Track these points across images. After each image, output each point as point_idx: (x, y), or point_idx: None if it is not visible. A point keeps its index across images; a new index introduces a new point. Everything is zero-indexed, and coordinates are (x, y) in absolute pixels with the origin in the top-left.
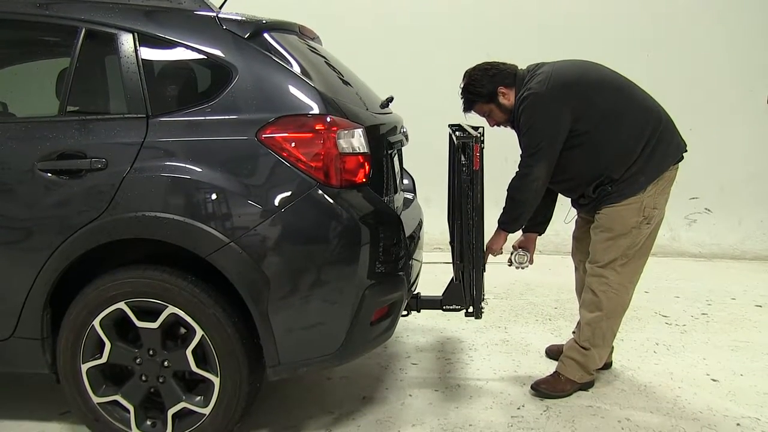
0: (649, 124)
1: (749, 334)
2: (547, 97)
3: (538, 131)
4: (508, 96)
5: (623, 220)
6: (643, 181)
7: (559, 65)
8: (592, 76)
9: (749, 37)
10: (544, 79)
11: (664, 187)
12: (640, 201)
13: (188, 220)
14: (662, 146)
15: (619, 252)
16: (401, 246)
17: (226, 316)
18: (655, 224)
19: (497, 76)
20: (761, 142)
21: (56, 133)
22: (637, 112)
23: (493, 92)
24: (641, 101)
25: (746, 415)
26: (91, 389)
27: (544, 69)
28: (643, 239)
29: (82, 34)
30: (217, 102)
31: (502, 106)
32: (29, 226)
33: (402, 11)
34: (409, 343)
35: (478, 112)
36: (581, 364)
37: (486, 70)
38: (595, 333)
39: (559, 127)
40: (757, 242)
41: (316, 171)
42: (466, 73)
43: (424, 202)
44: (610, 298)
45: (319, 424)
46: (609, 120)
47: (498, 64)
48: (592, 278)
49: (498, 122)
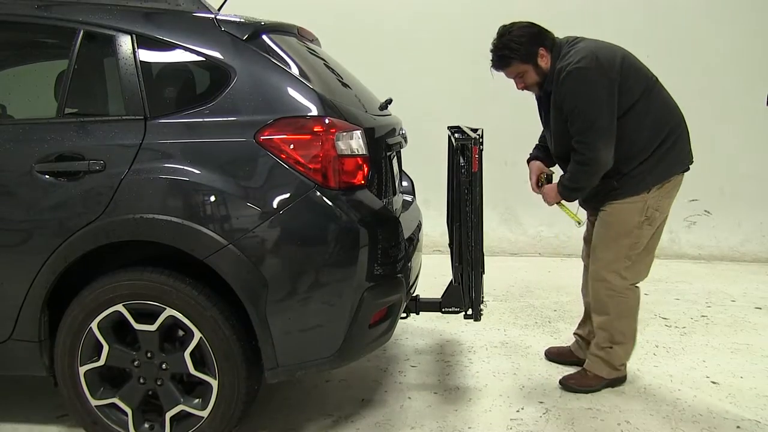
0: (669, 124)
1: (749, 337)
2: (598, 74)
3: (598, 108)
4: (546, 59)
5: (625, 218)
6: (649, 180)
7: (600, 43)
8: (628, 61)
9: (749, 37)
10: (589, 55)
11: (669, 191)
12: (643, 200)
13: (186, 222)
14: (675, 151)
15: (621, 252)
16: (400, 248)
17: (224, 318)
18: (658, 226)
19: (539, 36)
20: (761, 144)
21: (54, 135)
22: (662, 108)
23: (533, 52)
24: (666, 99)
25: (746, 418)
26: (88, 392)
27: (585, 45)
28: (645, 240)
29: (80, 36)
30: (215, 104)
31: (538, 68)
32: (27, 228)
33: (401, 13)
34: (408, 345)
35: (510, 72)
36: (606, 361)
37: (526, 27)
38: (613, 333)
39: (613, 105)
40: (757, 244)
41: (315, 173)
42: (505, 29)
43: (423, 204)
44: (618, 302)
45: (317, 426)
46: (636, 109)
47: (535, 23)
48: (596, 283)
49: (527, 85)
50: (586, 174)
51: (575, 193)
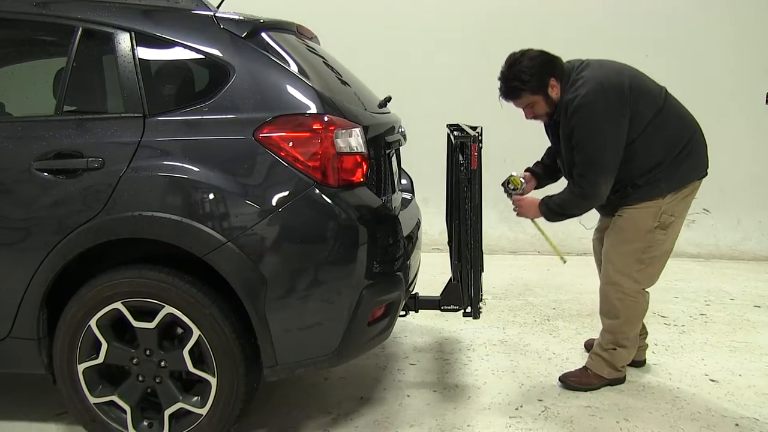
0: (684, 137)
1: (748, 335)
2: (607, 109)
3: (602, 144)
4: (556, 89)
5: (638, 223)
6: (664, 187)
7: (606, 68)
8: (636, 83)
9: (749, 37)
10: (597, 88)
11: (685, 196)
12: (658, 206)
13: (185, 219)
14: (691, 159)
15: (633, 256)
16: (399, 246)
17: (223, 316)
18: (673, 232)
19: (548, 66)
20: (761, 142)
21: (53, 133)
22: (675, 123)
23: (544, 83)
24: (678, 112)
25: (745, 416)
26: (87, 390)
27: (593, 74)
28: (658, 245)
29: (79, 33)
30: (214, 101)
31: (549, 99)
32: (26, 225)
33: (400, 11)
34: (407, 343)
35: (520, 103)
36: (608, 361)
37: (537, 57)
38: (618, 337)
39: (621, 138)
40: (756, 243)
41: (314, 170)
42: (515, 59)
43: (422, 202)
44: (628, 306)
45: (316, 424)
46: (648, 131)
47: (545, 52)
48: (607, 286)
49: (537, 115)
50: (579, 206)
51: (558, 218)
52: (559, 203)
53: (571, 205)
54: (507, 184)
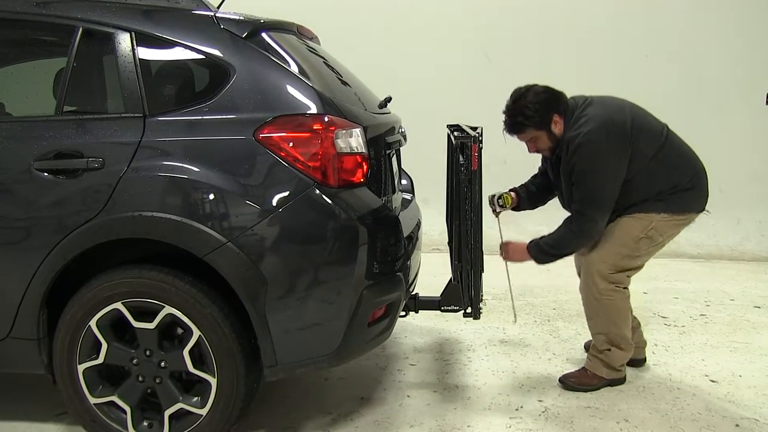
0: (685, 174)
1: (748, 335)
2: (608, 147)
3: (602, 182)
4: (559, 125)
5: (627, 230)
6: (660, 206)
7: (608, 107)
8: (637, 121)
9: (748, 36)
10: (599, 126)
11: (678, 223)
12: (650, 219)
13: (185, 219)
14: (692, 192)
15: (613, 260)
16: (399, 246)
17: (223, 316)
18: (654, 250)
19: (552, 102)
20: (760, 142)
21: (53, 133)
22: (676, 161)
23: (548, 119)
24: (680, 150)
25: (745, 416)
26: (87, 390)
27: (595, 111)
28: (639, 256)
29: (79, 33)
30: (214, 101)
31: (552, 135)
32: (26, 225)
33: (400, 11)
34: (407, 343)
35: (523, 137)
36: (604, 362)
37: (541, 93)
38: (609, 337)
39: (620, 176)
40: (756, 243)
41: (314, 171)
42: (519, 94)
43: (423, 203)
44: (606, 305)
45: (316, 424)
46: (650, 166)
47: (550, 88)
48: (584, 286)
49: (540, 150)
50: (574, 243)
51: (549, 259)
52: (553, 242)
53: (567, 243)
54: (497, 199)
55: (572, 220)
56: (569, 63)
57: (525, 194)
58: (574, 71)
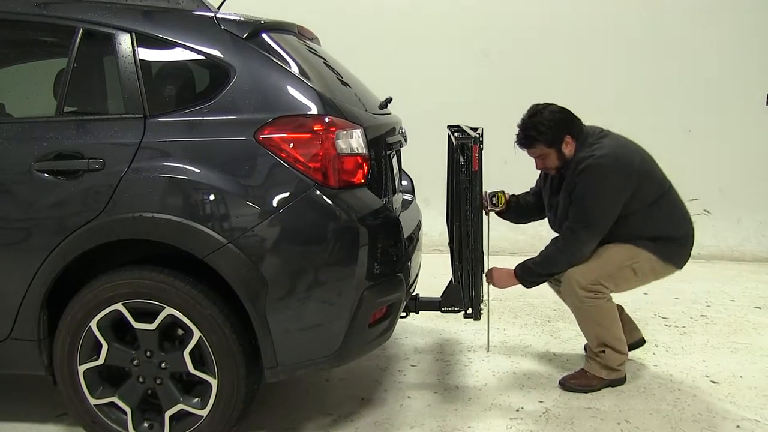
0: (680, 228)
1: (748, 336)
2: (614, 178)
3: (600, 207)
4: (570, 147)
5: (613, 253)
6: (652, 247)
7: (623, 143)
8: (645, 167)
9: (748, 37)
10: (611, 154)
11: (658, 270)
12: (638, 253)
13: (186, 220)
14: (681, 248)
15: (594, 275)
16: (400, 247)
17: (224, 317)
18: (628, 284)
19: (567, 124)
20: (760, 143)
21: (53, 134)
22: (670, 217)
23: (560, 138)
24: (678, 204)
25: (746, 417)
26: (88, 391)
27: (610, 142)
28: (617, 283)
29: (80, 34)
30: (215, 102)
31: (561, 154)
32: (26, 226)
33: (401, 11)
34: (408, 344)
35: (533, 152)
36: (602, 364)
37: (558, 113)
38: (601, 339)
39: (617, 209)
40: (757, 244)
41: (315, 172)
42: (536, 110)
43: (423, 204)
44: (588, 309)
45: (317, 425)
46: (646, 211)
47: (567, 109)
48: (566, 296)
49: (547, 167)
50: (560, 260)
51: (535, 279)
52: (540, 260)
53: (553, 260)
54: (492, 197)
55: (561, 237)
56: (569, 63)
57: (515, 204)
58: (574, 71)
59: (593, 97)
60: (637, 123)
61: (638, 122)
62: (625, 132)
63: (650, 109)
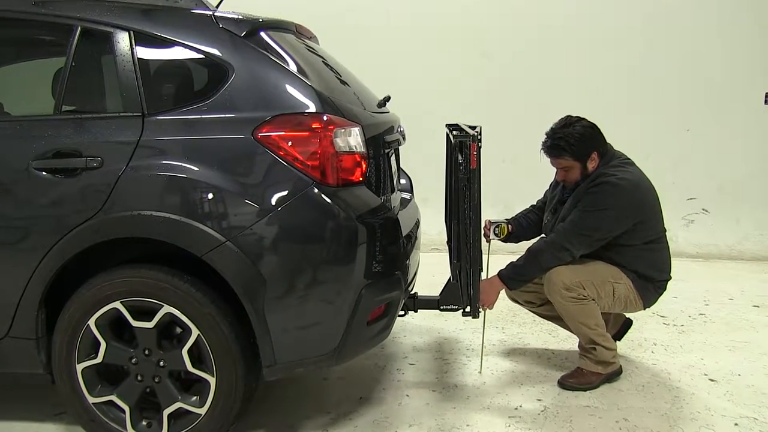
0: (661, 275)
1: (747, 335)
2: (628, 200)
3: (600, 220)
4: (594, 163)
5: (600, 267)
6: (634, 277)
7: (642, 180)
8: (656, 208)
9: (747, 37)
10: (634, 180)
11: (629, 302)
12: (621, 277)
13: (184, 219)
14: (655, 291)
15: (577, 278)
16: (398, 245)
17: (222, 315)
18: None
19: (596, 140)
20: (759, 142)
21: (52, 132)
22: (657, 262)
23: (587, 153)
24: (666, 252)
25: (744, 415)
26: (86, 389)
27: (634, 171)
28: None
29: (78, 33)
30: (213, 100)
31: (585, 170)
32: (24, 225)
33: (400, 11)
34: (406, 343)
35: (558, 162)
36: (596, 359)
37: (590, 128)
38: (588, 337)
39: (618, 230)
40: (755, 243)
41: (313, 170)
42: (569, 121)
43: (422, 202)
44: (572, 308)
45: (315, 424)
46: (639, 248)
47: (597, 127)
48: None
49: (568, 181)
50: (543, 257)
51: (519, 277)
52: (525, 255)
53: (537, 251)
54: (495, 228)
55: (552, 233)
56: (569, 63)
57: (516, 228)
58: (574, 71)
59: (593, 97)
60: (637, 122)
61: (638, 121)
62: (625, 131)
63: (650, 108)
